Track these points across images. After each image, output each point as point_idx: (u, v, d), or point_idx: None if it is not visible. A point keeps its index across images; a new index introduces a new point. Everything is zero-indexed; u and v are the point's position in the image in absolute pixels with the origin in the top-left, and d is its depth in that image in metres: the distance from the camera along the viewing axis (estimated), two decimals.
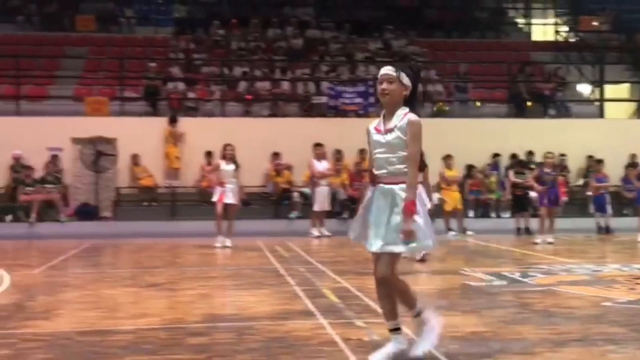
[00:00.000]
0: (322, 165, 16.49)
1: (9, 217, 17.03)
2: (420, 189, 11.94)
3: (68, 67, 20.99)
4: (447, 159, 16.80)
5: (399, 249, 4.75)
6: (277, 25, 23.61)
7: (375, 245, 4.79)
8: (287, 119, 19.26)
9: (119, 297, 8.07)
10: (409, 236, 4.69)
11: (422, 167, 12.18)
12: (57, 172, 17.48)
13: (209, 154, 17.04)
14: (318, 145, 16.53)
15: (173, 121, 18.11)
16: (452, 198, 16.64)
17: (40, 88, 19.91)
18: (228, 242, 13.52)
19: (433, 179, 17.27)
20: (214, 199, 13.91)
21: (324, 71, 21.27)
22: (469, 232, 16.27)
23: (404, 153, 4.79)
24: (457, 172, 17.19)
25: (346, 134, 17.47)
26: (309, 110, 19.79)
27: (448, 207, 16.61)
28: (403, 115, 4.82)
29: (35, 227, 16.63)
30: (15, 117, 18.19)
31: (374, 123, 4.99)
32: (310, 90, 20.55)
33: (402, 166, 4.80)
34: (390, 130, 4.83)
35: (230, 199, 13.74)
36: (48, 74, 20.53)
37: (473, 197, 18.02)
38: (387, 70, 4.92)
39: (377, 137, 4.91)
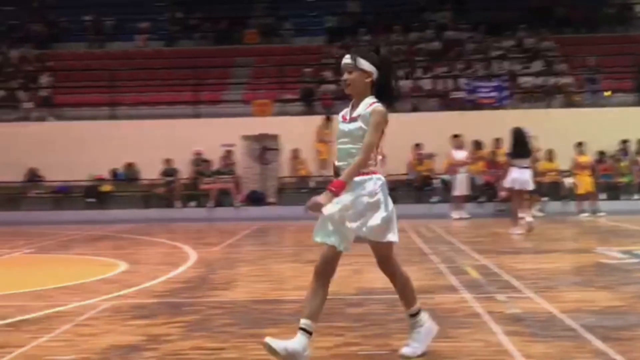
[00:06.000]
0: (461, 154, 16.17)
1: (192, 203, 17.91)
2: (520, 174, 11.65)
3: (237, 75, 21.70)
4: (579, 145, 16.16)
5: (368, 235, 4.09)
6: (418, 29, 23.35)
7: (330, 238, 4.06)
8: (428, 113, 19.03)
9: (285, 271, 8.27)
10: (314, 207, 3.90)
11: (528, 153, 11.76)
12: (230, 164, 18.14)
13: None
14: (456, 136, 16.24)
15: (328, 120, 18.34)
16: (585, 182, 15.98)
17: (215, 94, 20.67)
18: None
19: (566, 164, 16.67)
20: None
21: (460, 69, 20.85)
22: (601, 214, 15.50)
23: None
24: (589, 157, 16.47)
25: (482, 125, 17.14)
26: (448, 104, 19.49)
27: (581, 191, 15.98)
28: (369, 105, 4.08)
29: (213, 211, 17.38)
30: (195, 119, 19.02)
31: (344, 111, 4.25)
32: (448, 86, 20.21)
33: None
34: (354, 120, 4.11)
35: None
36: (221, 82, 21.30)
37: (604, 181, 17.12)
38: (345, 59, 4.16)
39: (341, 125, 4.18)
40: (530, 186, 12.00)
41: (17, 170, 18.29)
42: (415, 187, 17.72)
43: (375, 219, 4.09)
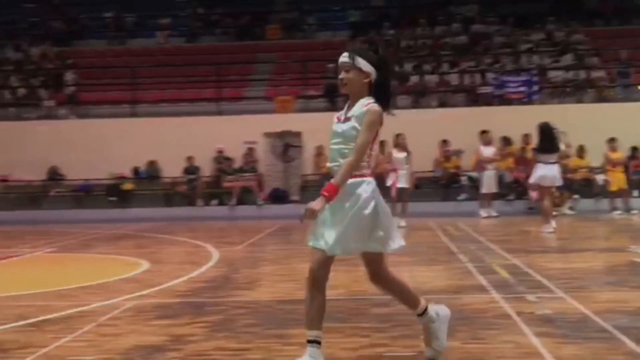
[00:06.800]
0: (489, 151, 16.06)
1: (214, 201, 17.99)
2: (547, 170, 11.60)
3: (260, 71, 21.77)
4: (612, 141, 15.98)
5: (376, 248, 4.01)
6: (444, 23, 23.24)
7: (327, 244, 3.95)
8: (455, 108, 18.95)
9: None
10: (310, 215, 3.84)
11: (555, 148, 11.65)
12: (252, 162, 18.20)
13: (381, 144, 17.04)
14: (484, 132, 16.12)
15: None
16: (617, 179, 15.83)
17: (237, 90, 20.75)
18: (402, 222, 13.48)
19: (598, 161, 16.50)
20: (388, 183, 13.94)
21: (488, 63, 20.72)
22: (634, 211, 15.32)
23: None
24: (621, 154, 16.29)
25: (511, 121, 17.03)
26: (475, 100, 19.38)
27: (613, 188, 15.82)
28: (364, 105, 3.98)
29: (235, 209, 17.45)
30: (217, 117, 19.09)
31: (339, 112, 4.17)
32: (476, 81, 20.09)
33: None
34: (348, 120, 4.02)
35: (403, 183, 13.72)
36: (243, 78, 21.38)
37: (637, 178, 16.88)
38: (342, 57, 4.06)
39: (335, 126, 4.09)
40: (559, 182, 11.90)
41: (38, 168, 18.51)
42: (442, 185, 17.65)
43: (378, 231, 3.99)
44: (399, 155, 13.79)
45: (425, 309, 4.21)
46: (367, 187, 3.98)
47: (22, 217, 16.98)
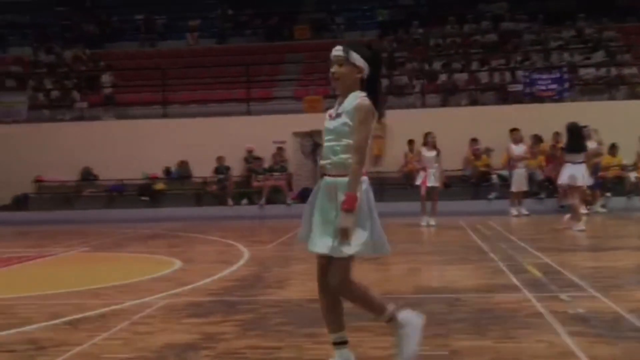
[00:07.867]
0: (519, 149, 15.89)
1: (244, 201, 18.07)
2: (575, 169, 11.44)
3: (288, 71, 21.81)
4: None
5: (349, 250, 3.80)
6: (473, 21, 23.08)
7: (320, 246, 3.88)
8: (485, 106, 18.81)
9: None
10: (344, 235, 3.74)
11: (583, 148, 11.47)
12: (282, 161, 18.24)
13: (410, 142, 17.02)
14: (515, 129, 15.96)
15: (381, 116, 18.25)
16: None
17: (266, 91, 20.83)
18: (432, 221, 13.44)
19: (630, 158, 16.25)
20: (418, 182, 13.88)
21: (518, 61, 20.53)
22: None
23: (350, 141, 3.85)
24: None
25: (542, 119, 16.86)
26: (505, 97, 19.22)
27: None
28: (355, 100, 3.88)
29: (265, 209, 17.51)
30: (247, 117, 19.19)
31: (331, 109, 4.04)
32: (506, 79, 19.92)
33: (346, 156, 3.85)
34: (339, 116, 3.91)
35: (433, 182, 13.65)
36: (272, 78, 21.44)
37: None
38: (336, 51, 3.93)
39: (326, 123, 3.98)
40: (589, 181, 11.84)
41: (71, 169, 18.78)
42: (472, 183, 17.52)
43: (375, 234, 3.92)
44: (428, 153, 13.72)
45: (393, 315, 4.00)
46: (361, 186, 3.90)
47: (56, 217, 17.21)
